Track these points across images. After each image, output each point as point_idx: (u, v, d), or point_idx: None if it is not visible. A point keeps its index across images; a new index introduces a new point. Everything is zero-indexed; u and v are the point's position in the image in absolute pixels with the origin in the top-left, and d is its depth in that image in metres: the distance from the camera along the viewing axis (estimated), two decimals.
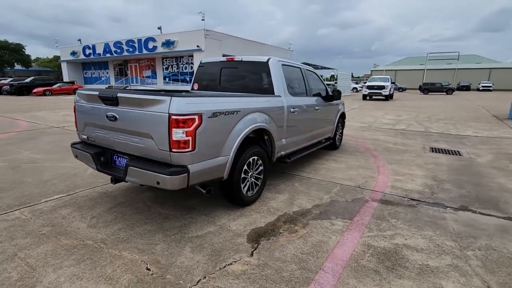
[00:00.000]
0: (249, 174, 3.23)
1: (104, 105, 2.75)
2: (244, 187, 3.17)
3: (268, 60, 3.81)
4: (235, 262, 2.24)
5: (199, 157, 2.49)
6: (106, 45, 31.07)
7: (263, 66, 3.81)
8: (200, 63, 4.56)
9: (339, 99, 5.48)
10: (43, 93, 26.59)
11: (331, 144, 5.92)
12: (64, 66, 38.09)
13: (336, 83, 31.33)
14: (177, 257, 2.29)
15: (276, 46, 33.74)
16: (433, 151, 6.05)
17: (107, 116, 2.72)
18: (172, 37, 25.24)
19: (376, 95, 21.94)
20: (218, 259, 2.27)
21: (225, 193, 3.11)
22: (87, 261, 2.22)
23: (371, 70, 66.63)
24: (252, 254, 2.35)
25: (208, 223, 2.85)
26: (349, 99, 23.89)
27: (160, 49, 26.32)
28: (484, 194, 3.73)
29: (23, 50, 57.10)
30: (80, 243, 2.46)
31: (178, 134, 2.32)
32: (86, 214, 3.00)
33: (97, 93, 2.78)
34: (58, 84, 29.74)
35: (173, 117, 2.29)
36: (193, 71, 25.68)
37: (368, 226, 2.85)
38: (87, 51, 33.50)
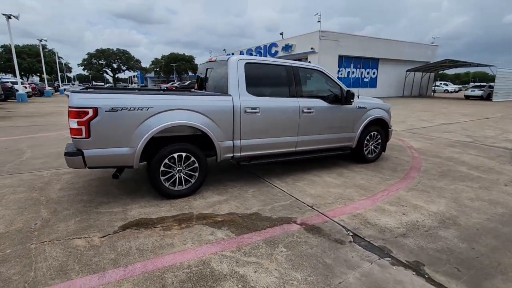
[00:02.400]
0: (176, 169, 3.37)
1: None
2: (167, 180, 3.34)
3: (228, 59, 3.73)
4: (84, 238, 2.55)
5: (95, 144, 2.92)
6: (241, 53, 35.79)
7: (224, 66, 3.77)
8: (198, 65, 4.92)
9: (352, 101, 4.48)
10: None
11: (356, 156, 4.94)
12: None
13: (490, 85, 23.67)
14: (62, 223, 2.82)
15: (410, 42, 28.77)
16: None
17: None
18: (291, 41, 26.23)
19: None
20: (80, 232, 2.64)
21: (150, 182, 3.39)
22: (22, 209, 3.09)
23: None
24: (103, 237, 2.57)
25: (121, 205, 3.23)
26: (504, 105, 17.72)
27: (280, 53, 27.91)
28: (492, 259, 2.31)
29: (193, 60, 74.07)
30: (37, 197, 3.42)
31: (73, 123, 2.83)
32: (72, 180, 4.01)
33: None
34: None
35: (69, 109, 2.82)
36: None
37: (241, 246, 2.45)
38: None
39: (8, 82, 22.55)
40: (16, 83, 20.86)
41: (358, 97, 4.78)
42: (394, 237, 2.61)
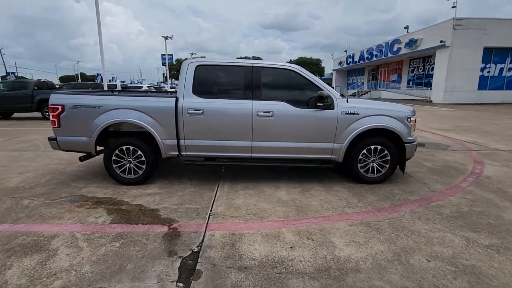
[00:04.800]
0: (126, 159, 3.90)
1: None
2: (119, 168, 3.91)
3: (183, 62, 3.92)
4: (32, 200, 3.44)
5: (64, 133, 3.82)
6: (361, 53, 33.12)
7: None
8: None
9: (321, 105, 3.65)
10: None
11: (349, 173, 4.06)
12: (334, 74, 45.36)
13: None
14: (41, 187, 3.86)
15: None
16: None
17: None
18: (416, 35, 22.06)
19: None
20: (38, 196, 3.56)
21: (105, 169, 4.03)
22: (41, 175, 4.41)
23: None
24: (42, 202, 3.39)
25: (88, 183, 4.04)
26: None
27: (403, 51, 24.08)
28: None
29: (320, 63, 74.21)
30: (59, 169, 4.74)
31: (50, 116, 3.82)
32: (94, 161, 5.24)
33: None
34: None
35: (49, 105, 3.82)
36: (433, 73, 21.20)
37: (96, 232, 2.69)
38: (348, 60, 37.56)
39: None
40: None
41: (347, 100, 3.88)
42: (229, 267, 2.17)
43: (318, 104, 3.66)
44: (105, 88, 15.14)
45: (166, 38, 27.29)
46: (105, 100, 3.80)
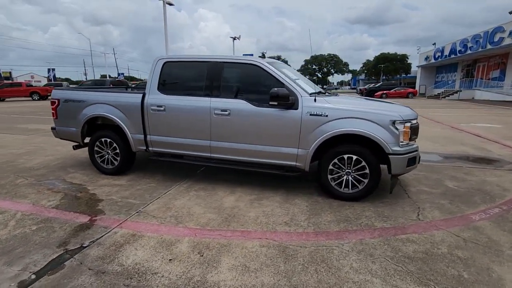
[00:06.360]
0: (105, 151, 4.21)
1: None
2: (99, 158, 4.26)
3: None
4: (26, 179, 4.04)
5: (60, 124, 4.36)
6: (453, 45, 28.06)
7: None
8: None
9: (275, 104, 3.14)
10: (380, 96, 30.67)
11: (320, 183, 3.52)
12: (418, 71, 39.76)
13: None
14: (42, 169, 4.51)
15: None
16: None
17: None
18: None
19: None
20: (32, 176, 4.17)
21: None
22: (55, 159, 5.16)
23: None
24: (30, 182, 3.94)
25: (78, 170, 4.53)
26: None
27: (507, 41, 19.31)
28: None
29: (406, 59, 65.91)
30: (73, 155, 5.45)
31: (51, 108, 4.39)
32: None
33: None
34: (395, 89, 32.65)
35: (51, 99, 4.40)
36: None
37: (34, 213, 2.97)
38: (437, 54, 32.30)
39: None
40: None
41: (315, 99, 3.29)
42: (90, 269, 2.09)
43: (271, 103, 3.21)
44: None
45: (234, 38, 28.56)
46: (88, 95, 4.17)
